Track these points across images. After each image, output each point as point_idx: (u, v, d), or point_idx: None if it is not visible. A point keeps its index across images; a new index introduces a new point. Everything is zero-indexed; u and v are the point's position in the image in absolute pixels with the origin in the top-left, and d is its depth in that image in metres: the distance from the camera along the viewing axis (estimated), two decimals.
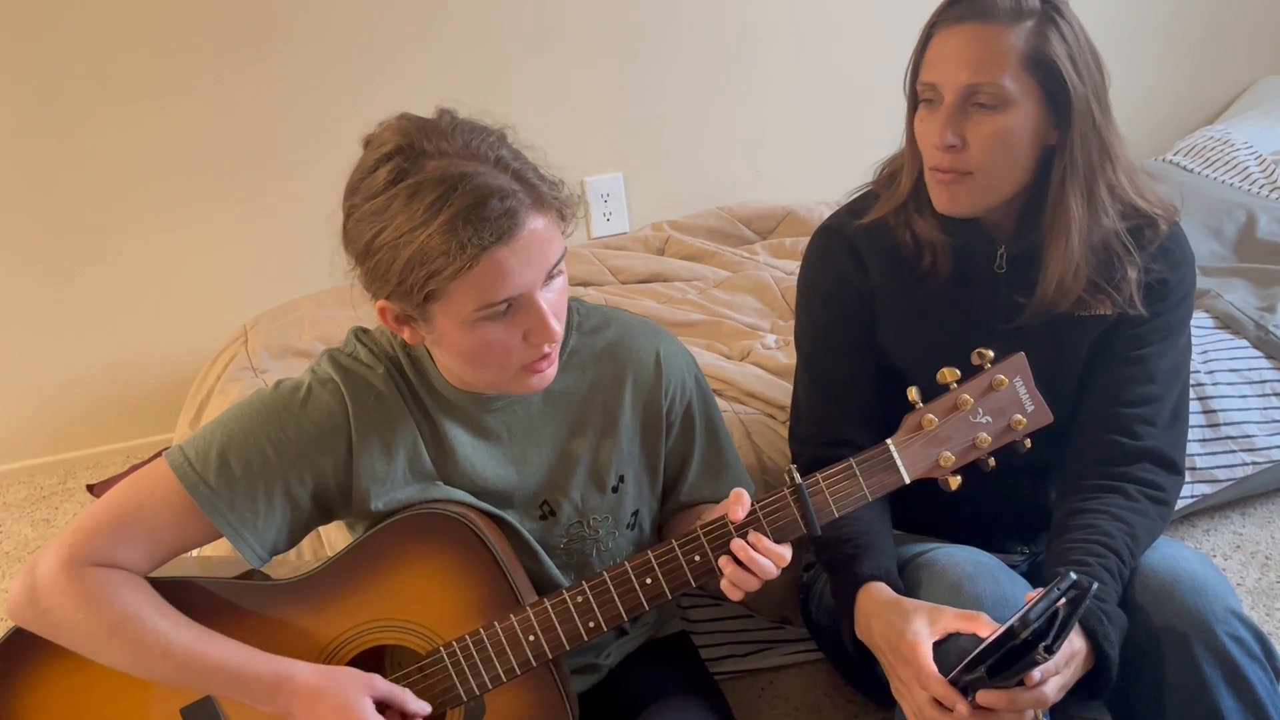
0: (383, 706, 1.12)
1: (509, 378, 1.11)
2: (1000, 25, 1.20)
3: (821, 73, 2.86)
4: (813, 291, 1.42)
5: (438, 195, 1.00)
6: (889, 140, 1.42)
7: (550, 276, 1.07)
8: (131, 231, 2.50)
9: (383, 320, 1.11)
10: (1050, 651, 1.02)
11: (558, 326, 1.07)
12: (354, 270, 1.09)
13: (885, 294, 1.37)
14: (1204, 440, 1.96)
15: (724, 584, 1.11)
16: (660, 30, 2.70)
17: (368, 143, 1.08)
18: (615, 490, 1.25)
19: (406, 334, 1.12)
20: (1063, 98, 1.22)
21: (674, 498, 1.31)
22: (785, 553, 1.10)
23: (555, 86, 2.63)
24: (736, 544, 1.09)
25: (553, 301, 1.08)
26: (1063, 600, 1.02)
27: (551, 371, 1.13)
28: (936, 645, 1.13)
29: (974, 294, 1.34)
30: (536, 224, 1.03)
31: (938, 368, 1.11)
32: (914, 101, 1.29)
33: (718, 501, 1.28)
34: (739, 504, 1.10)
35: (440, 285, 1.02)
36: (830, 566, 1.30)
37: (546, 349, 1.09)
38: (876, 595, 1.21)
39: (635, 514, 1.28)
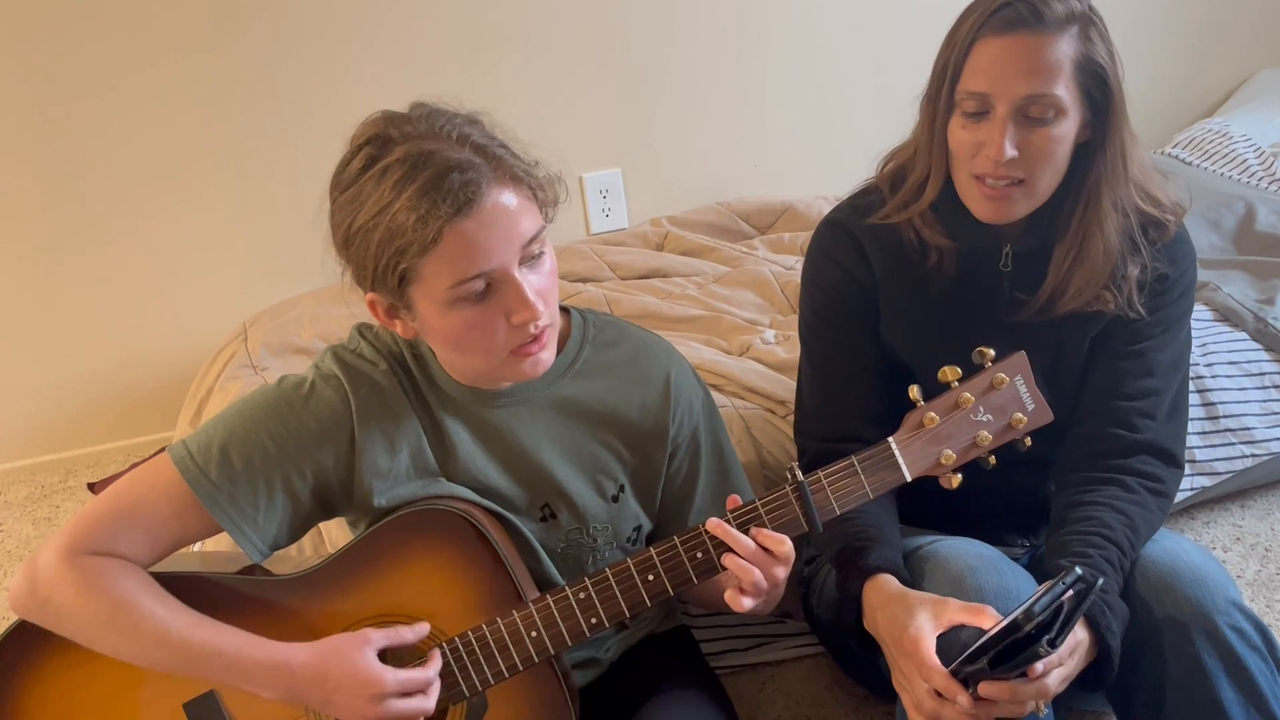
0: (387, 657, 1.12)
1: (500, 363, 1.11)
2: (1053, 33, 1.17)
3: (819, 68, 2.85)
4: (816, 285, 1.42)
5: (402, 174, 1.01)
6: (887, 134, 1.41)
7: (532, 257, 1.07)
8: (131, 230, 2.50)
9: (374, 315, 1.12)
10: (1054, 645, 1.02)
11: (539, 304, 1.06)
12: (345, 270, 1.10)
13: (889, 288, 1.37)
14: (1203, 433, 1.96)
15: (728, 594, 1.10)
16: (658, 26, 2.70)
17: (350, 141, 1.09)
18: (615, 500, 1.25)
19: (399, 327, 1.12)
20: (1104, 98, 1.21)
21: (680, 523, 1.29)
22: (784, 538, 1.09)
23: (553, 83, 2.63)
24: (713, 522, 1.08)
25: (538, 284, 1.07)
26: (1068, 594, 1.02)
27: (545, 356, 1.12)
28: (940, 637, 1.13)
29: (978, 291, 1.34)
30: (502, 197, 1.03)
31: (941, 363, 1.11)
32: (948, 109, 1.25)
33: None
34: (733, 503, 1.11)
35: (411, 264, 1.03)
36: (837, 560, 1.30)
37: (533, 329, 1.08)
38: (883, 588, 1.21)
39: (637, 530, 1.28)
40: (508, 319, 1.07)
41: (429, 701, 1.11)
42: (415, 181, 1.01)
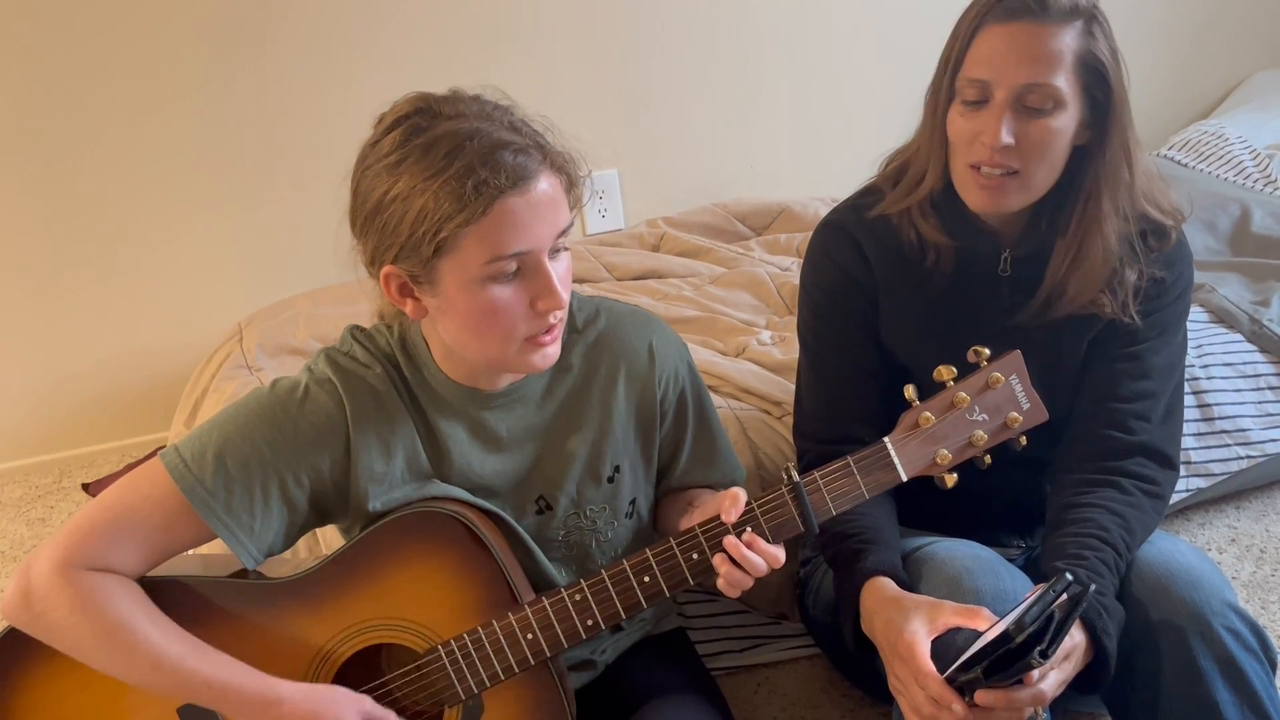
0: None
1: (514, 351, 1.10)
2: (1056, 24, 1.18)
3: (816, 69, 2.85)
4: (816, 287, 1.41)
5: (453, 146, 1.02)
6: (883, 135, 1.41)
7: (557, 248, 1.08)
8: (126, 230, 2.50)
9: (386, 291, 1.10)
10: (1045, 656, 1.02)
11: (565, 294, 1.08)
12: (358, 245, 1.10)
13: (888, 289, 1.37)
14: (1199, 434, 1.96)
15: (720, 583, 1.11)
16: (655, 26, 2.70)
17: (380, 118, 1.09)
18: (611, 480, 1.25)
19: (409, 307, 1.11)
20: (1103, 98, 1.21)
21: (666, 482, 1.31)
22: (779, 554, 1.10)
23: (550, 82, 2.63)
24: (729, 541, 1.09)
25: (559, 273, 1.08)
26: (1059, 600, 1.02)
27: (553, 350, 1.12)
28: (936, 640, 1.13)
29: (977, 293, 1.34)
30: (548, 182, 1.05)
31: (939, 364, 1.11)
32: (949, 97, 1.26)
33: (709, 484, 1.29)
34: (734, 506, 1.10)
35: (452, 234, 1.02)
36: (835, 562, 1.30)
37: (553, 319, 1.09)
38: (880, 591, 1.21)
39: (633, 502, 1.28)
40: (532, 305, 1.07)
41: None
42: (468, 154, 1.01)
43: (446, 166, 1.01)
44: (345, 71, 2.49)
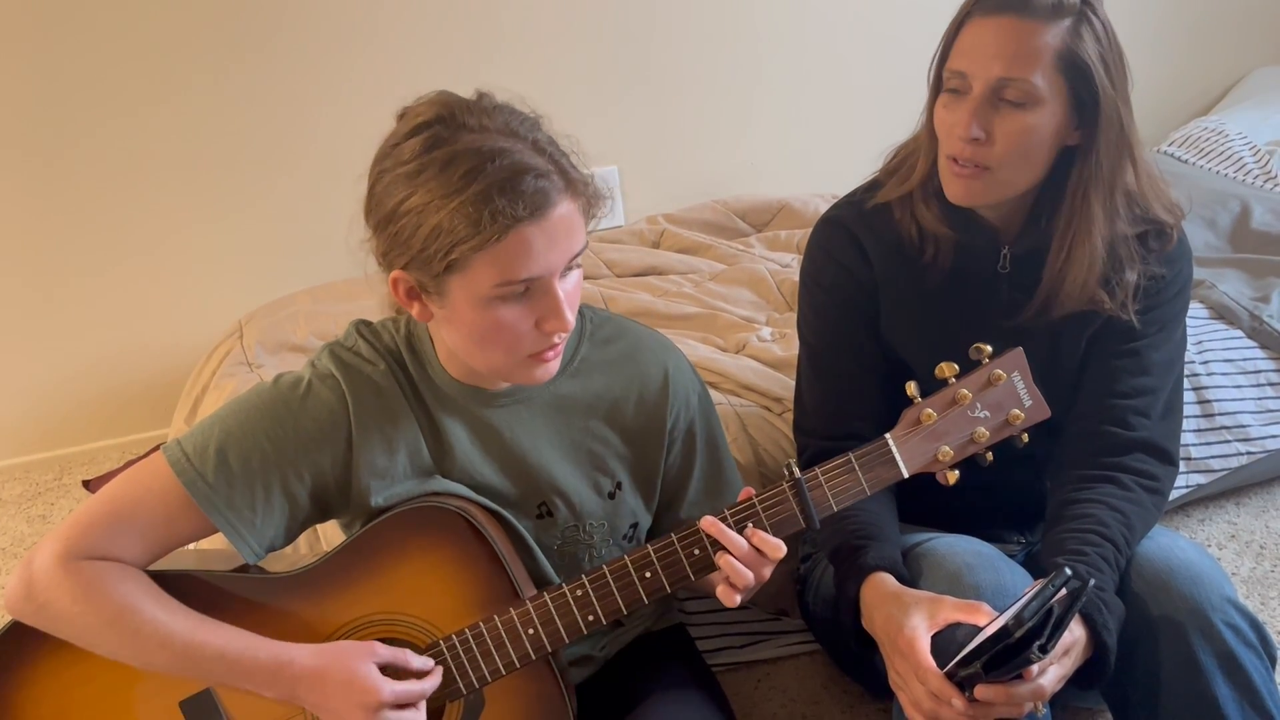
0: (387, 671, 1.11)
1: (515, 365, 1.11)
2: (1039, 21, 1.18)
3: (816, 66, 2.85)
4: (816, 283, 1.41)
5: (473, 165, 1.00)
6: (883, 131, 1.41)
7: (569, 267, 1.07)
8: (126, 227, 2.49)
9: (394, 292, 1.10)
10: (1045, 651, 1.02)
11: (571, 316, 1.07)
12: (370, 240, 1.09)
13: (888, 285, 1.37)
14: (1199, 430, 1.97)
15: (720, 590, 1.10)
16: (654, 24, 2.70)
17: (403, 115, 1.08)
18: (612, 496, 1.25)
19: (415, 309, 1.11)
20: (1090, 100, 1.21)
21: (673, 514, 1.30)
22: (779, 542, 1.10)
23: (550, 79, 2.63)
24: (707, 520, 1.08)
25: (568, 292, 1.08)
26: (1058, 595, 1.02)
27: (555, 365, 1.13)
28: (936, 635, 1.13)
29: (976, 290, 1.34)
30: (566, 209, 1.04)
31: (939, 361, 1.11)
32: (937, 87, 1.27)
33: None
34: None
35: (464, 255, 1.02)
36: (835, 558, 1.31)
37: (556, 339, 1.09)
38: (880, 587, 1.21)
39: (634, 527, 1.28)
40: (538, 325, 1.07)
41: (420, 715, 1.11)
42: (487, 176, 1.00)
43: (464, 187, 1.00)
44: (344, 68, 2.48)
